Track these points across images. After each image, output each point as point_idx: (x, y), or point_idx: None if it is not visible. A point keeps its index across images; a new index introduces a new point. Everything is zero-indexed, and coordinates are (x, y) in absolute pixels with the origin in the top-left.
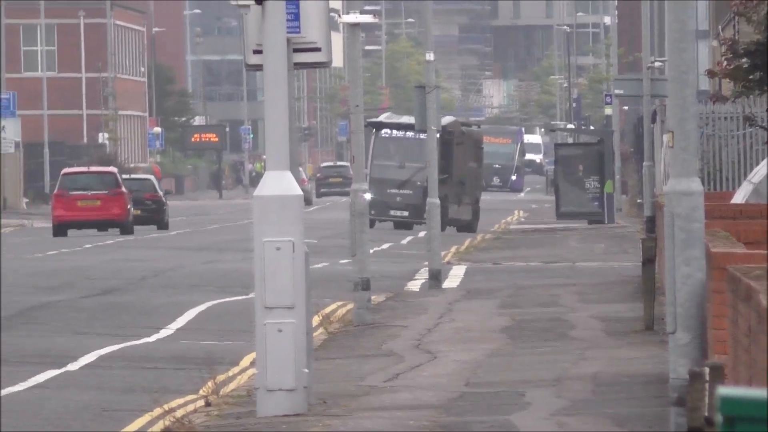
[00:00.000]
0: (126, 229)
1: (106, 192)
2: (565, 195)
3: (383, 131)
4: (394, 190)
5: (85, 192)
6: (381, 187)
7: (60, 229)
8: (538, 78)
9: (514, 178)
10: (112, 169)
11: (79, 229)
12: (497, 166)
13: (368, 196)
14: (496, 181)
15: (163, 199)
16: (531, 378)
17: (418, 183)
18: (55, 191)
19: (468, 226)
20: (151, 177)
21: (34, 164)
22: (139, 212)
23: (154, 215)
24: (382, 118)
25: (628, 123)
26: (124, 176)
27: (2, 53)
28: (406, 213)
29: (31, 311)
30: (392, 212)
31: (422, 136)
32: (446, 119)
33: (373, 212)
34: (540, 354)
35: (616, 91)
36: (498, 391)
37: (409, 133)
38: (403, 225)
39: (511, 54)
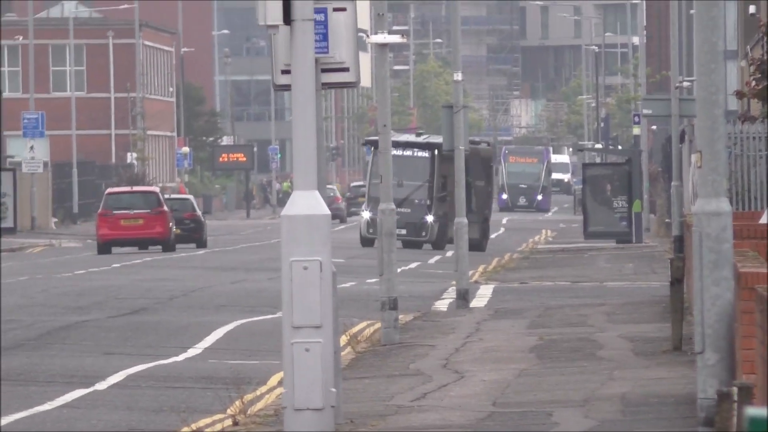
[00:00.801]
0: (168, 247)
1: (149, 211)
2: (594, 215)
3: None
4: None
5: (128, 211)
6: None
7: (104, 247)
8: (567, 98)
9: (540, 198)
10: (155, 188)
11: (122, 246)
12: (523, 186)
13: (367, 214)
14: (522, 201)
15: (202, 218)
16: (559, 398)
17: (417, 201)
18: (100, 210)
19: (477, 245)
20: (191, 197)
21: (63, 184)
22: (178, 231)
23: (194, 234)
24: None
25: (656, 143)
26: (165, 196)
27: (31, 74)
28: (404, 231)
29: (60, 331)
30: None
31: (420, 154)
32: None
33: (371, 231)
34: (568, 374)
35: (645, 111)
36: (526, 411)
37: (407, 151)
38: (411, 244)
39: (540, 74)
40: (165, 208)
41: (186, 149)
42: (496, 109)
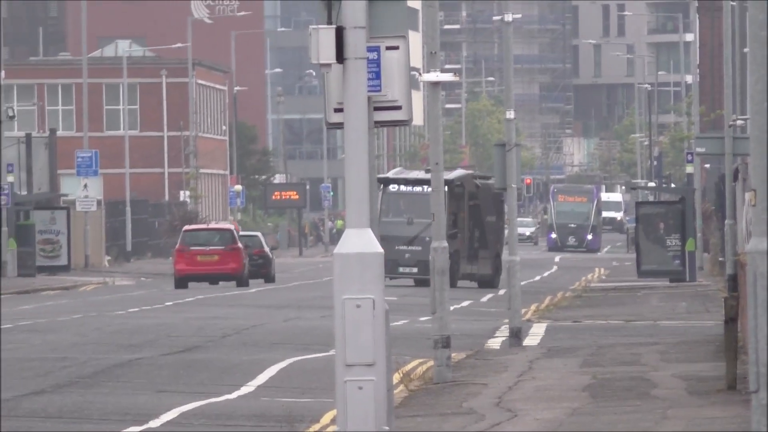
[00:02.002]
0: (242, 282)
1: (223, 247)
2: (647, 253)
3: (391, 186)
4: (403, 247)
5: (204, 247)
6: (390, 244)
7: (181, 281)
8: (619, 136)
9: (590, 237)
10: (229, 225)
11: (198, 281)
12: (572, 225)
13: None
14: (571, 240)
15: (270, 254)
16: None
17: (428, 239)
18: (177, 246)
19: (489, 282)
20: (259, 234)
21: (116, 222)
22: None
23: (262, 269)
24: (391, 173)
25: (709, 181)
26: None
27: (85, 112)
28: (415, 270)
29: (114, 369)
30: (401, 269)
31: (428, 190)
32: (456, 173)
33: None
34: (621, 413)
35: (698, 150)
36: None
37: (417, 188)
38: (422, 282)
39: (592, 112)
40: (239, 244)
41: (239, 187)
42: (548, 147)
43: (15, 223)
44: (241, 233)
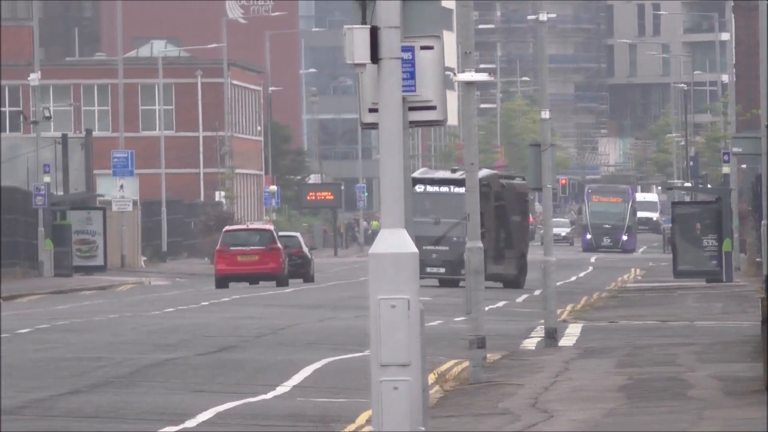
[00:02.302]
0: (281, 282)
1: (263, 248)
2: (683, 253)
3: (417, 186)
4: (430, 247)
5: (244, 247)
6: (416, 244)
7: (222, 281)
8: (655, 136)
9: (625, 238)
10: (269, 226)
11: (238, 281)
12: (607, 226)
13: None
14: (606, 241)
15: (309, 254)
16: None
17: (455, 239)
18: (218, 247)
19: (514, 282)
20: (298, 234)
21: (152, 222)
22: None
23: (300, 269)
24: (417, 173)
25: (746, 181)
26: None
27: (120, 113)
28: (442, 270)
29: (150, 368)
30: (428, 269)
31: (456, 190)
32: (482, 173)
33: None
34: (657, 414)
35: (734, 150)
36: None
37: (444, 188)
38: (447, 282)
39: (628, 112)
40: (279, 244)
41: (273, 188)
42: (583, 147)
43: (51, 224)
44: (281, 233)
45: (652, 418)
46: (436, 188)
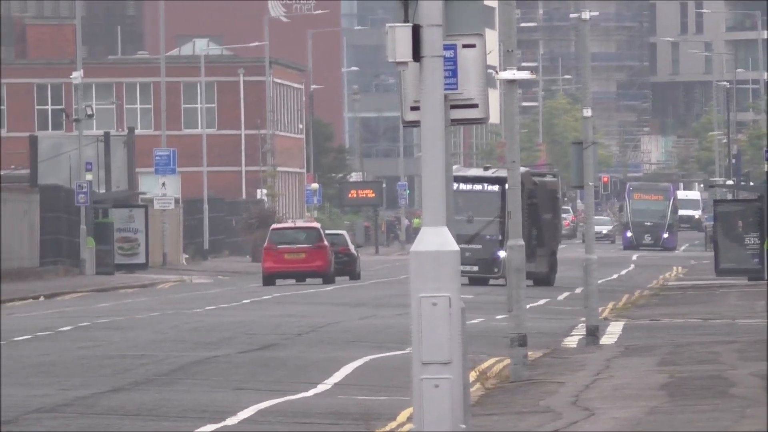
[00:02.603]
0: (328, 279)
1: (310, 245)
2: (725, 251)
3: None
4: (463, 245)
5: (291, 245)
6: None
7: (269, 278)
8: (697, 134)
9: (666, 235)
10: (316, 224)
11: (285, 279)
12: (648, 223)
13: None
14: (647, 239)
15: (355, 252)
16: None
17: (488, 237)
18: (265, 245)
19: (545, 279)
20: (344, 232)
21: (194, 220)
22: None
23: (347, 267)
24: None
25: None
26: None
27: (163, 111)
28: (476, 268)
29: (191, 366)
30: (462, 267)
31: (489, 188)
32: None
33: None
34: (700, 412)
35: None
36: None
37: (477, 186)
38: (477, 281)
39: (670, 110)
40: (325, 242)
41: (315, 185)
42: (625, 145)
43: (93, 221)
44: (327, 232)
45: (694, 416)
46: (469, 186)
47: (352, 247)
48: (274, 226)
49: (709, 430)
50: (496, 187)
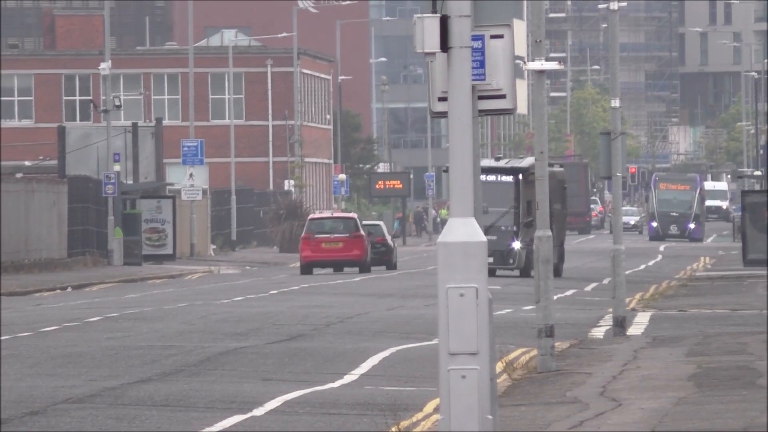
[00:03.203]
0: (364, 268)
1: (347, 235)
2: (753, 242)
3: None
4: None
5: (328, 235)
6: None
7: (306, 267)
8: (726, 124)
9: (692, 226)
10: (353, 215)
11: (323, 267)
12: (674, 214)
13: None
14: (673, 229)
15: (392, 243)
16: (719, 427)
17: (503, 228)
18: (303, 234)
19: (555, 270)
20: (381, 223)
21: (222, 211)
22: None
23: (384, 257)
24: None
25: None
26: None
27: (191, 102)
28: (491, 259)
29: (219, 357)
30: None
31: (504, 179)
32: (528, 160)
33: None
34: (728, 402)
35: None
36: None
37: (490, 177)
38: (492, 272)
39: (699, 100)
40: (362, 232)
41: (343, 176)
42: (654, 135)
43: (121, 212)
44: (365, 222)
45: (723, 407)
46: (483, 177)
47: (388, 238)
48: (312, 216)
49: (737, 421)
50: (510, 178)
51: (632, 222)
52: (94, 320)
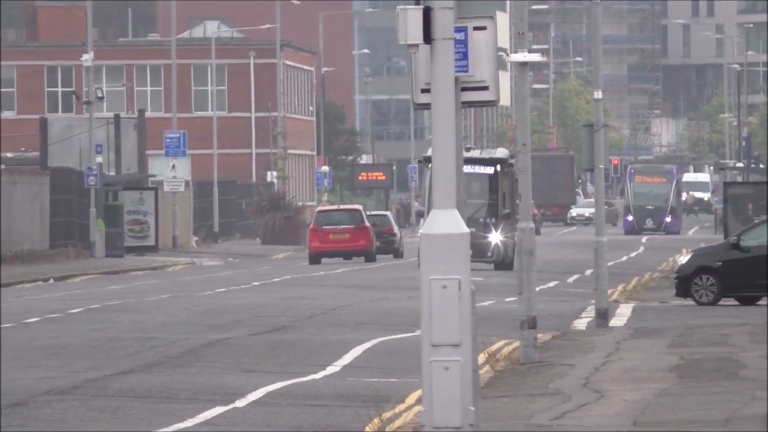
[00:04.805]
0: (370, 258)
1: (354, 226)
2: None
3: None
4: None
5: (336, 226)
6: None
7: (315, 258)
8: (708, 117)
9: (668, 220)
10: (358, 207)
11: (330, 257)
12: (650, 207)
13: None
14: (649, 223)
15: (398, 232)
16: (701, 418)
17: (481, 220)
18: (311, 226)
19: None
20: (388, 213)
21: (204, 203)
22: (378, 244)
23: (391, 246)
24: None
25: None
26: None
27: (173, 93)
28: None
29: (202, 348)
30: None
31: (482, 170)
32: (502, 151)
33: None
34: (710, 394)
35: None
36: (667, 431)
37: (467, 167)
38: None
39: (681, 93)
40: (367, 223)
41: (326, 168)
42: (636, 128)
43: (104, 204)
44: (372, 213)
45: (705, 398)
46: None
47: (395, 228)
48: (320, 208)
49: (719, 412)
50: (489, 169)
51: (587, 214)
52: (76, 312)
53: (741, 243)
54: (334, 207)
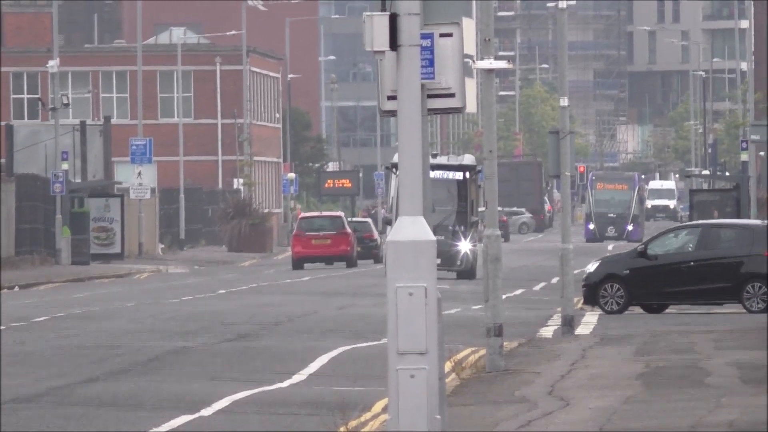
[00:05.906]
0: (351, 263)
1: (335, 232)
2: None
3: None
4: None
5: (318, 232)
6: None
7: (298, 263)
8: (674, 123)
9: (630, 228)
10: (340, 213)
11: (313, 262)
12: (612, 215)
13: None
14: (610, 231)
15: (379, 238)
16: (666, 425)
17: (450, 228)
18: (294, 231)
19: (471, 272)
20: (369, 220)
21: (170, 210)
22: (359, 249)
23: (372, 251)
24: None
25: (764, 169)
26: (350, 219)
27: (139, 100)
28: (438, 260)
29: (168, 356)
30: None
31: (450, 176)
32: (470, 158)
33: None
34: (675, 401)
35: (752, 137)
36: None
37: (436, 173)
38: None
39: (647, 99)
40: (348, 229)
41: (292, 175)
42: (602, 134)
43: (69, 211)
44: (353, 219)
45: (670, 405)
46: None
47: (375, 234)
48: (303, 214)
49: (685, 419)
50: (458, 175)
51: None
52: (41, 320)
53: (648, 251)
54: (317, 213)
